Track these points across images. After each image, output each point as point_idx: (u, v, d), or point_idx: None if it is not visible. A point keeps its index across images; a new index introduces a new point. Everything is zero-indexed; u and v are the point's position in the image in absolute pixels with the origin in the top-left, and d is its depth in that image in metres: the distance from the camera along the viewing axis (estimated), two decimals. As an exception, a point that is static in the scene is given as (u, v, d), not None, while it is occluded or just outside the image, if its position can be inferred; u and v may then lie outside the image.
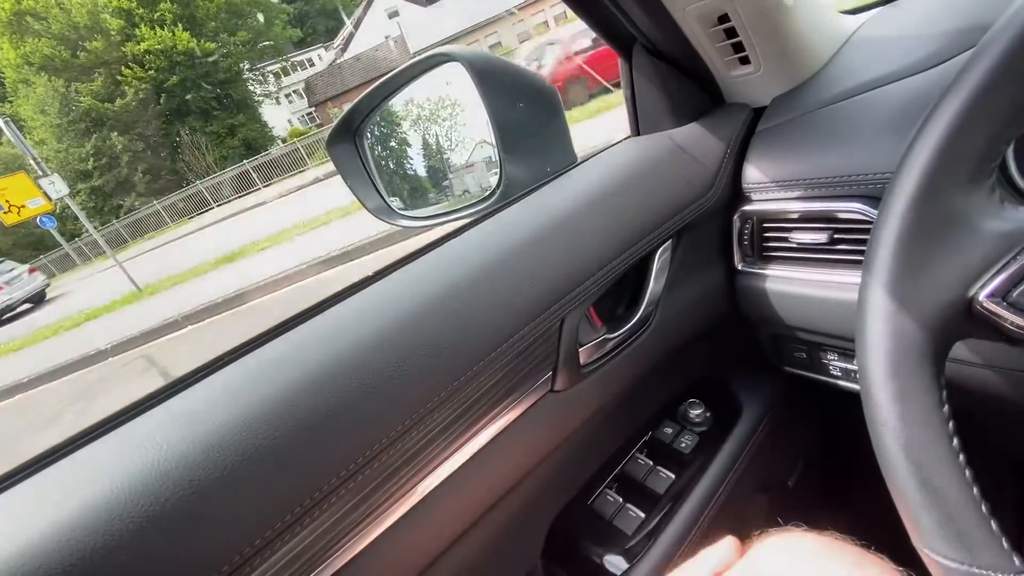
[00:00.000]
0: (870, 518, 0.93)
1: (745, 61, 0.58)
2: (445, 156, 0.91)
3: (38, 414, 5.43)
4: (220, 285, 6.72)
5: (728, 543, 0.40)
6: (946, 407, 0.27)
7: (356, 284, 0.46)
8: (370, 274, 0.46)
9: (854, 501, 0.96)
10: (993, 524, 0.26)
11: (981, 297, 0.27)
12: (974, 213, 0.28)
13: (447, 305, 0.42)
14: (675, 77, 0.61)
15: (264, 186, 21.19)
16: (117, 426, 0.34)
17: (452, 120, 0.83)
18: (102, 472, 0.30)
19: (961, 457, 0.27)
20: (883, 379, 0.28)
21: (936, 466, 0.27)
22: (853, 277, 0.52)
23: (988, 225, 0.27)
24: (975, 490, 0.27)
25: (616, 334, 0.56)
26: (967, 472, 0.27)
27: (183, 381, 0.38)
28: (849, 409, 0.81)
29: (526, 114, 0.64)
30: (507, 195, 0.59)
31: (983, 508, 0.26)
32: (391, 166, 0.92)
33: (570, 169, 0.61)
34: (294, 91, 33.38)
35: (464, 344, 0.42)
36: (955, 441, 0.27)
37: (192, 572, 0.29)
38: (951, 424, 0.27)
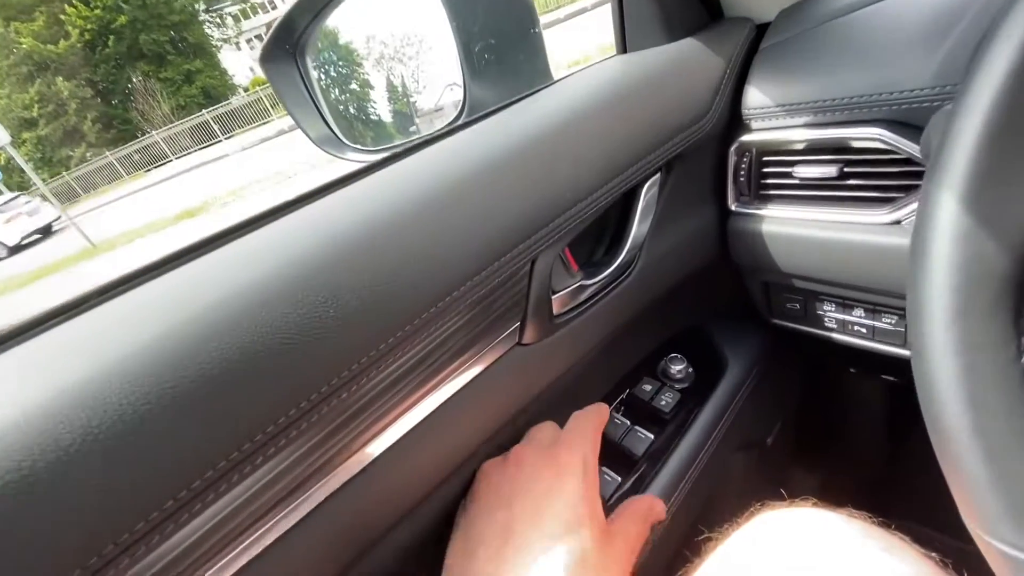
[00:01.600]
0: (843, 476, 0.92)
1: (750, -38, 0.49)
2: (411, 99, 0.82)
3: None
4: (180, 241, 6.42)
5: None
6: None
7: (289, 202, 0.37)
8: (294, 197, 0.37)
9: (826, 458, 0.95)
10: None
11: None
12: None
13: (395, 235, 0.34)
14: None
15: (225, 138, 20.16)
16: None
17: (419, 59, 0.74)
18: None
19: None
20: (945, 322, 0.22)
21: (1008, 434, 0.21)
22: (865, 216, 0.46)
23: None
24: None
25: (594, 281, 0.49)
26: None
27: (77, 304, 0.29)
28: (832, 365, 0.78)
29: (496, 25, 0.55)
30: (471, 115, 0.50)
31: None
32: (351, 110, 0.82)
33: (546, 87, 0.52)
34: (255, 36, 31.35)
35: (414, 284, 0.34)
36: None
37: (72, 548, 0.22)
38: None
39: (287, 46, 0.63)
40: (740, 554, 0.33)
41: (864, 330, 0.54)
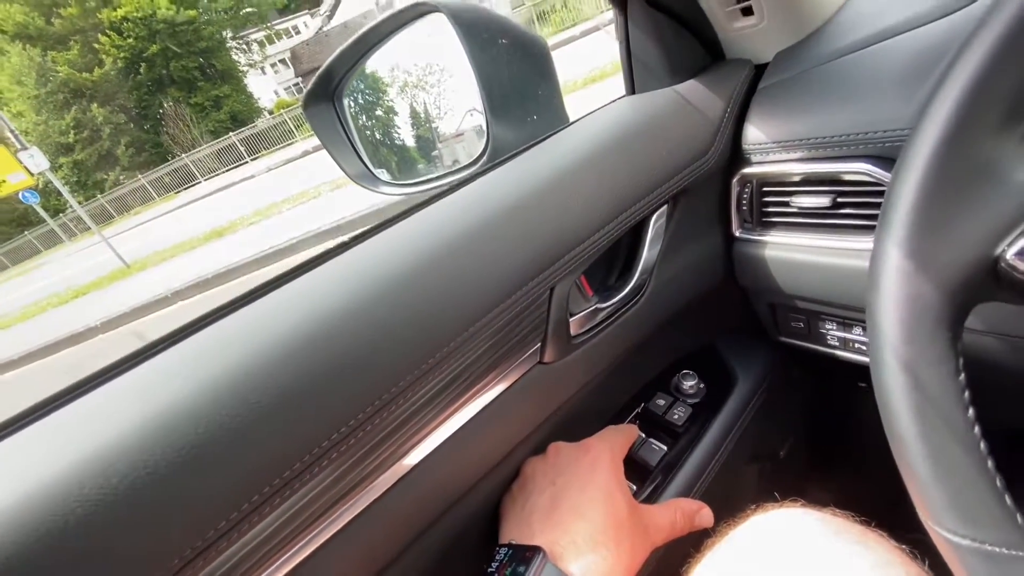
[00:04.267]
0: (857, 489, 0.94)
1: (748, 12, 0.54)
2: (433, 125, 0.88)
3: (27, 391, 5.40)
4: (209, 260, 6.63)
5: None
6: (962, 376, 0.25)
7: (332, 249, 0.43)
8: (347, 238, 0.43)
9: (841, 472, 0.96)
10: (1007, 499, 0.24)
11: (1009, 255, 0.25)
12: (1004, 163, 0.25)
13: (429, 272, 0.40)
14: (673, 30, 0.58)
15: (251, 159, 20.79)
16: (69, 400, 0.32)
17: (440, 87, 0.79)
18: (50, 451, 0.27)
19: (976, 429, 0.25)
20: (895, 346, 0.26)
21: (949, 438, 0.25)
22: (857, 243, 0.50)
23: (1019, 177, 0.25)
24: (989, 463, 0.25)
25: (608, 304, 0.53)
26: (982, 445, 0.25)
27: (143, 352, 0.35)
28: (842, 380, 0.81)
29: (515, 71, 0.60)
30: (494, 158, 0.55)
31: (997, 482, 0.25)
32: (377, 136, 0.89)
33: (561, 129, 0.57)
34: (279, 60, 32.43)
35: (448, 314, 0.39)
36: (971, 412, 0.25)
37: (152, 558, 0.27)
38: (967, 394, 0.25)
39: (326, 94, 0.70)
40: (729, 548, 0.37)
41: (863, 347, 0.57)
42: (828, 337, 0.61)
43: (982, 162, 0.25)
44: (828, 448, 0.91)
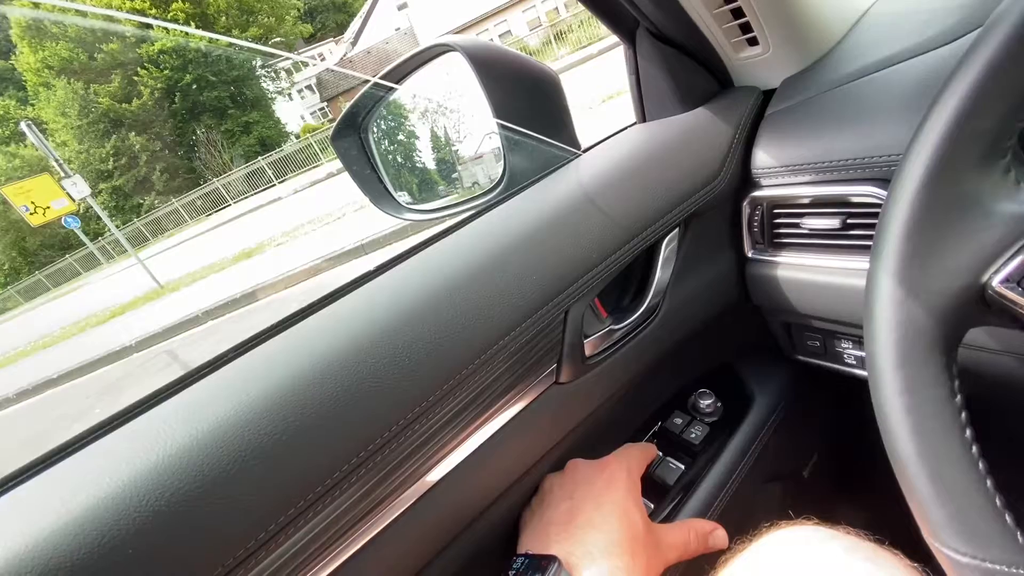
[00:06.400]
0: (888, 510, 0.92)
1: (753, 42, 0.56)
2: (453, 148, 0.91)
3: (68, 409, 5.61)
4: (239, 281, 6.83)
5: None
6: (958, 397, 0.26)
7: (359, 278, 0.46)
8: (372, 268, 0.46)
9: (872, 493, 0.95)
10: (1008, 517, 0.25)
11: (995, 283, 0.26)
12: (987, 195, 0.26)
13: (449, 298, 0.42)
14: (681, 61, 0.60)
15: (279, 182, 21.43)
16: (123, 423, 0.35)
17: (460, 112, 0.83)
18: (109, 469, 0.30)
19: (974, 448, 0.26)
20: (891, 369, 0.27)
21: (946, 458, 0.26)
22: (867, 263, 0.51)
23: (1002, 207, 0.26)
24: (989, 482, 0.26)
25: (622, 325, 0.55)
26: (980, 464, 0.26)
27: (188, 377, 0.38)
28: (865, 398, 0.80)
29: (528, 103, 0.63)
30: (511, 186, 0.58)
31: (997, 501, 0.25)
32: (399, 160, 0.92)
33: (574, 158, 0.60)
34: (306, 86, 33.54)
35: (466, 337, 0.42)
36: (968, 432, 0.26)
37: (197, 566, 0.29)
38: (964, 415, 0.26)
39: (352, 129, 0.74)
40: (741, 565, 0.38)
41: None
42: (845, 356, 0.61)
43: (966, 194, 0.26)
44: (856, 467, 0.90)
